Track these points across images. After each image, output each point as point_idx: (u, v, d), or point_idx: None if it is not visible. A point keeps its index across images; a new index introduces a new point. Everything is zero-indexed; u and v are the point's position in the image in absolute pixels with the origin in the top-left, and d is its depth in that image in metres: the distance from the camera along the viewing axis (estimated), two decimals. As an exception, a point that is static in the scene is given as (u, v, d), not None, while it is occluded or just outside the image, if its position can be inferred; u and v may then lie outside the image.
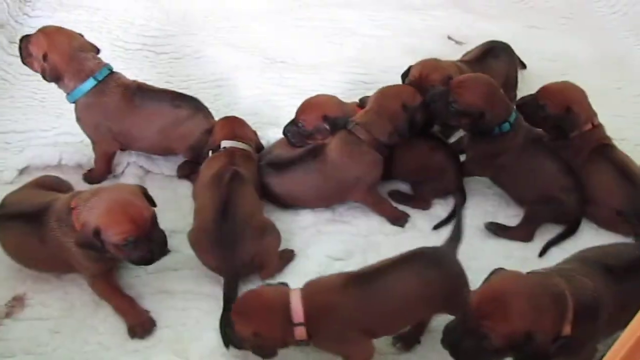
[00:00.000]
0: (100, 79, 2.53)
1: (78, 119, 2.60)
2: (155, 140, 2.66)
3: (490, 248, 2.55)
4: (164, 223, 2.22)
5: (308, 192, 2.60)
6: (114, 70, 2.63)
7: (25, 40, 2.56)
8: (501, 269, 1.86)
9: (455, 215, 2.64)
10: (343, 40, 3.75)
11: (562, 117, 2.61)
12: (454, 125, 2.61)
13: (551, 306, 1.68)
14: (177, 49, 3.57)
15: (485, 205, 2.74)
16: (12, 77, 3.26)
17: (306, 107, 2.69)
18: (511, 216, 2.70)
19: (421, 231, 2.61)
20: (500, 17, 4.07)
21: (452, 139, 2.97)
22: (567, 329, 1.71)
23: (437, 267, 1.96)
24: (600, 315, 1.80)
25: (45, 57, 2.48)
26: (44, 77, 2.53)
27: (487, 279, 1.84)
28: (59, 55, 2.49)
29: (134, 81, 2.65)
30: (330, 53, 3.63)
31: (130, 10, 3.83)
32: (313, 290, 1.93)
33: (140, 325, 2.18)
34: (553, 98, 2.63)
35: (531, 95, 2.73)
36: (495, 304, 1.66)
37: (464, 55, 3.24)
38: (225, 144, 2.55)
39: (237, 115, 2.84)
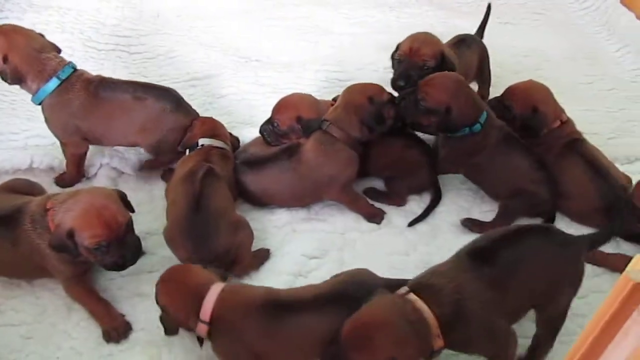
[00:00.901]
0: (63, 77, 2.47)
1: (46, 120, 2.56)
2: (121, 134, 2.61)
3: (465, 243, 2.56)
4: (137, 225, 2.20)
5: (283, 191, 2.59)
6: (79, 68, 2.57)
7: None
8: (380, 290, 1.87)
9: (430, 211, 2.68)
10: (318, 39, 3.75)
11: (529, 117, 2.64)
12: (425, 125, 2.60)
13: (412, 334, 1.70)
14: (150, 49, 3.54)
15: (460, 201, 2.76)
16: (-20, 80, 3.20)
17: (281, 107, 2.68)
18: (486, 212, 2.71)
19: (397, 227, 2.62)
20: (473, 14, 4.07)
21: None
22: (439, 343, 1.76)
23: (353, 307, 1.80)
24: (470, 309, 1.81)
25: (5, 59, 2.42)
26: (5, 80, 2.47)
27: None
28: (20, 57, 2.42)
29: (98, 75, 2.59)
30: (305, 51, 3.63)
31: (102, 10, 3.78)
32: (230, 299, 1.88)
33: (115, 329, 2.15)
34: (518, 99, 2.66)
35: (496, 97, 2.76)
36: (359, 337, 1.69)
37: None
38: (203, 141, 2.52)
39: (212, 114, 2.83)
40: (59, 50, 2.57)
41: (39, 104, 2.52)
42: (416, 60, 2.70)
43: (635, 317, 1.03)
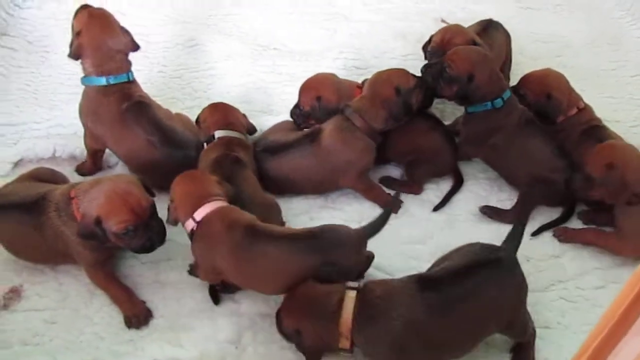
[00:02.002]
0: (111, 82, 2.50)
1: (80, 104, 2.61)
2: (117, 153, 2.65)
3: (482, 232, 2.54)
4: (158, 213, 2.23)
5: (303, 177, 2.60)
6: (133, 80, 2.59)
7: (79, 9, 2.58)
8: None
9: (452, 194, 2.68)
10: (336, 26, 3.72)
11: (544, 104, 2.63)
12: (446, 95, 2.61)
13: (321, 321, 1.88)
14: (168, 38, 3.55)
15: (477, 189, 2.74)
16: (4, 70, 3.24)
17: (304, 88, 2.73)
18: (503, 200, 2.70)
19: (414, 216, 2.62)
20: (492, 0, 4.03)
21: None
22: (344, 343, 1.88)
23: (325, 253, 2.00)
24: (386, 318, 1.83)
25: (78, 34, 2.50)
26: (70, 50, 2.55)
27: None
28: (89, 40, 2.48)
29: (140, 97, 2.56)
30: (322, 39, 3.61)
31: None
32: (223, 212, 2.07)
33: (136, 315, 2.20)
34: (532, 86, 2.66)
35: (511, 87, 2.74)
36: (289, 297, 1.99)
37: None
38: (219, 134, 2.54)
39: (229, 103, 2.83)
40: (136, 48, 2.61)
41: (84, 85, 2.57)
42: (448, 49, 2.68)
43: (652, 308, 1.02)
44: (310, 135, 2.58)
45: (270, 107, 3.07)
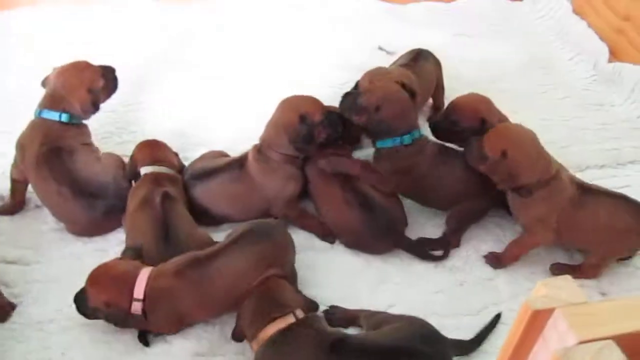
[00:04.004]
0: (39, 116, 2.51)
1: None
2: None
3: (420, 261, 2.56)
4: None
5: (233, 202, 2.55)
6: (68, 122, 2.54)
7: None
8: None
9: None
10: (274, 58, 3.74)
11: (478, 129, 2.61)
12: (356, 123, 2.56)
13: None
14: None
15: (417, 216, 2.73)
16: None
17: None
18: (441, 225, 2.69)
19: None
20: (429, 26, 4.12)
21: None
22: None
23: (265, 239, 2.16)
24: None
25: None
26: None
27: None
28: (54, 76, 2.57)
29: (61, 143, 2.49)
30: (260, 69, 3.62)
31: (57, 28, 3.75)
32: (161, 271, 2.10)
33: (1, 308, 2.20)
34: (464, 113, 2.64)
35: (442, 113, 2.77)
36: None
37: (392, 64, 3.26)
38: (145, 170, 2.49)
39: (164, 137, 2.79)
40: (90, 107, 2.62)
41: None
42: None
43: (541, 343, 1.03)
44: (238, 160, 2.56)
45: (206, 139, 3.04)
